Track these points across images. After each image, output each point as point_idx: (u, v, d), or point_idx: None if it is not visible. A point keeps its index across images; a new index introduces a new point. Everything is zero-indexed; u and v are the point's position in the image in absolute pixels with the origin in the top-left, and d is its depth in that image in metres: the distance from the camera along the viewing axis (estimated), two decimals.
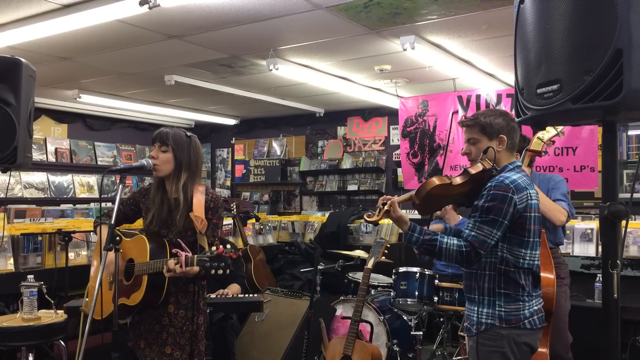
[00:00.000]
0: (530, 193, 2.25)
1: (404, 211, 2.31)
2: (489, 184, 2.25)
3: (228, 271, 2.32)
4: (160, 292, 2.51)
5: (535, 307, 2.26)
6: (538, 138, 3.16)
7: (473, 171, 2.29)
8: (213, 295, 3.73)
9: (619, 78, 1.35)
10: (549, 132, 3.15)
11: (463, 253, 2.20)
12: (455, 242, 2.22)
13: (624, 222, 1.53)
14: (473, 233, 2.21)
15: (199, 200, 2.57)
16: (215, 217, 2.62)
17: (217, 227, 2.65)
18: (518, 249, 2.23)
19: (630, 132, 5.59)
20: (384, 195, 2.36)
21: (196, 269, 2.38)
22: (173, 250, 2.43)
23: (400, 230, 2.29)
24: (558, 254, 3.40)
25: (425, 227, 2.31)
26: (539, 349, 2.38)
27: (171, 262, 2.39)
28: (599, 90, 1.39)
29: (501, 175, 2.27)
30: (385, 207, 2.26)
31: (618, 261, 1.53)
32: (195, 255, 2.35)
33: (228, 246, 2.32)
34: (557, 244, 3.43)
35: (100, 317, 2.47)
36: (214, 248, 2.33)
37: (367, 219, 2.30)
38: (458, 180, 2.29)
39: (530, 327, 2.22)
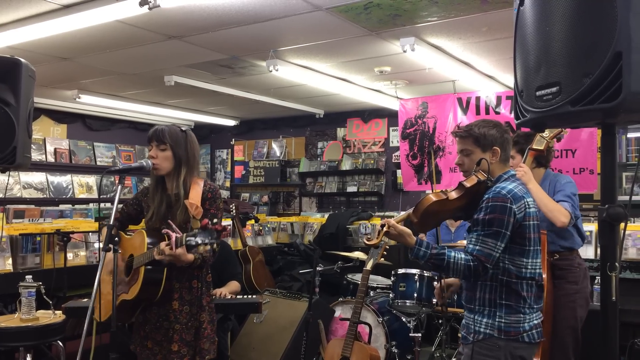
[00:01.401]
0: (527, 201, 2.25)
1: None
2: (486, 196, 2.24)
3: (216, 246, 2.28)
4: (158, 285, 2.50)
5: (535, 321, 2.24)
6: (541, 136, 3.12)
7: (468, 184, 2.29)
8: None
9: (618, 81, 1.34)
10: (552, 130, 3.10)
11: (471, 267, 2.18)
12: (463, 256, 2.20)
13: (622, 225, 1.53)
14: (478, 247, 2.20)
15: (196, 191, 2.60)
16: (213, 208, 2.61)
17: (215, 217, 2.61)
18: (519, 258, 2.22)
19: (630, 135, 5.59)
20: (384, 219, 2.36)
21: (190, 256, 2.39)
22: (163, 231, 2.38)
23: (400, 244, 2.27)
24: (572, 257, 3.22)
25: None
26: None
27: (162, 244, 2.37)
28: (598, 93, 1.38)
29: (497, 185, 2.26)
30: (384, 229, 2.27)
31: (617, 264, 1.53)
32: (185, 234, 2.31)
33: (215, 220, 2.30)
34: (569, 249, 3.21)
35: (99, 319, 2.47)
36: (199, 224, 2.31)
37: (367, 242, 2.30)
38: (454, 194, 2.29)
39: (529, 340, 2.21)
